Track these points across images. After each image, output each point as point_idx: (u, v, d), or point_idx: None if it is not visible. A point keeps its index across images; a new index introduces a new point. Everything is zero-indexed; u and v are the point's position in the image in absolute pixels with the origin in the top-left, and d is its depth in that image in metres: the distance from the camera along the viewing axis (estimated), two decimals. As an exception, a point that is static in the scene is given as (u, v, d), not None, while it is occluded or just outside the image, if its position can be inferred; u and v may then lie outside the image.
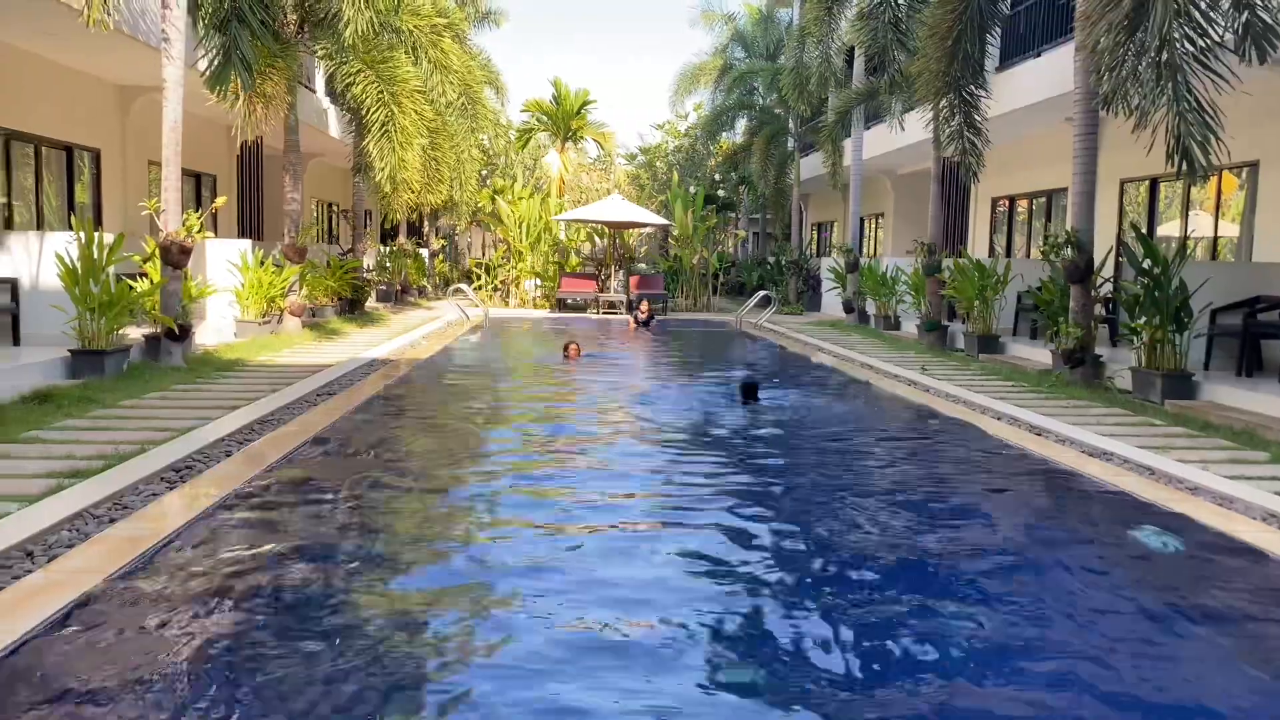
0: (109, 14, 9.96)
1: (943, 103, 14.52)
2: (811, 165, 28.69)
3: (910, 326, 18.03)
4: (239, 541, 5.07)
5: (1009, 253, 20.55)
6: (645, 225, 27.72)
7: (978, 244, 22.11)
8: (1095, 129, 11.68)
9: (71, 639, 3.66)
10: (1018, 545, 5.62)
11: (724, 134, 35.92)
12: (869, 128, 22.76)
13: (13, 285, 10.97)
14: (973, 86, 14.23)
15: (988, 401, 9.95)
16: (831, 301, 24.04)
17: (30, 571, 4.27)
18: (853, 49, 21.90)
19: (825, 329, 19.75)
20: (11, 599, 3.93)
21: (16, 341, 10.66)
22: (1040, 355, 13.04)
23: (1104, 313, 13.34)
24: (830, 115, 22.44)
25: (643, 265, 29.79)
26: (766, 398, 10.47)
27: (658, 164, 44.07)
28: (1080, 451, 7.66)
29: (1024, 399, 10.22)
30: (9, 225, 13.82)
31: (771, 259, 30.51)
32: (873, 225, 30.50)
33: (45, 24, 11.66)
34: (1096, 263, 11.76)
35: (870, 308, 20.44)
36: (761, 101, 32.52)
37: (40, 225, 14.57)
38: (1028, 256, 19.27)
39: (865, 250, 28.37)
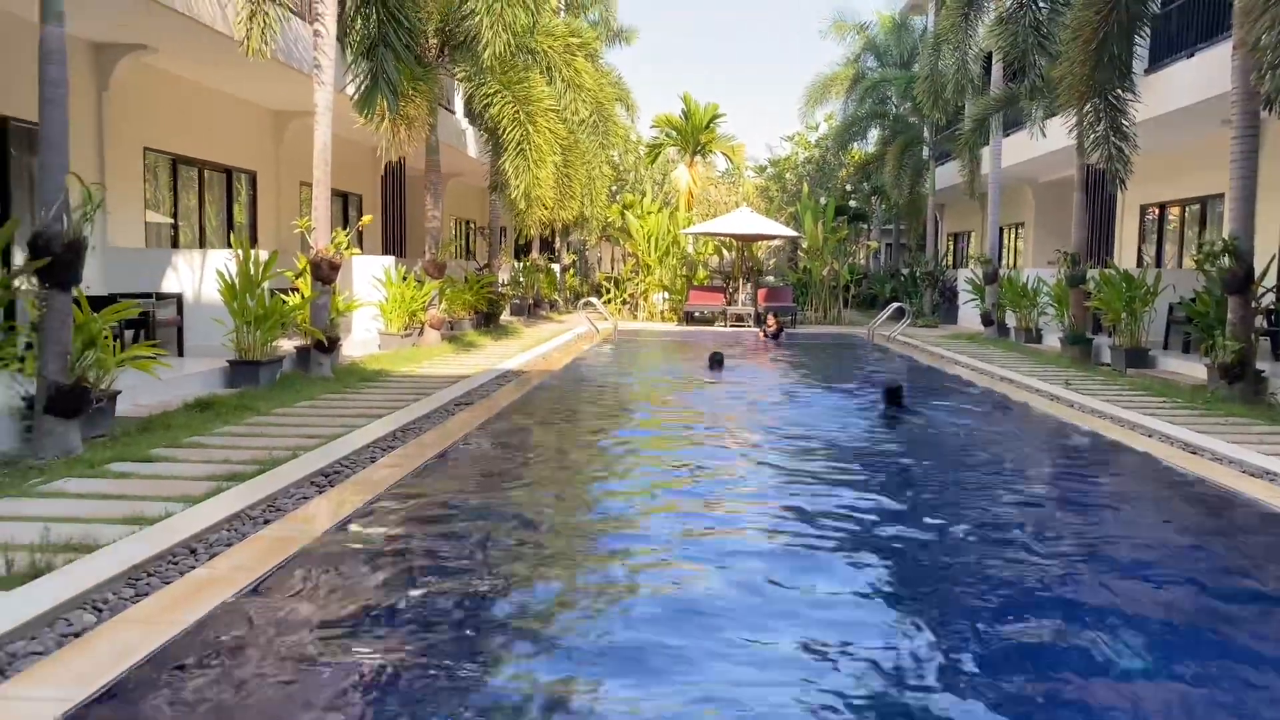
0: (266, 44, 10.59)
1: (1087, 107, 13.95)
2: (947, 174, 27.98)
3: (1052, 340, 17.35)
4: (383, 542, 5.30)
5: (1159, 263, 19.55)
6: (774, 237, 27.57)
7: (1125, 253, 21.11)
8: (1255, 131, 11.02)
9: (232, 629, 3.90)
10: (1191, 579, 5.19)
11: (855, 144, 35.41)
12: (1008, 135, 22.05)
13: (178, 300, 11.75)
14: (1119, 90, 13.63)
15: (1138, 418, 9.48)
16: (969, 314, 23.35)
17: (194, 567, 4.57)
18: (990, 55, 21.28)
19: (962, 342, 19.20)
20: (180, 592, 4.22)
21: (181, 352, 11.40)
22: (1194, 370, 12.35)
23: (1265, 325, 12.54)
24: (967, 123, 21.84)
25: (771, 278, 29.59)
26: (903, 413, 10.27)
27: (787, 176, 43.77)
28: (1240, 471, 7.22)
29: (1177, 415, 9.69)
30: (175, 244, 14.80)
31: (905, 270, 29.86)
32: (1012, 235, 29.49)
33: (209, 54, 12.48)
34: (1257, 272, 11.07)
35: (1010, 320, 19.76)
36: (895, 110, 31.92)
37: (202, 244, 15.55)
38: (1179, 266, 18.29)
39: (1004, 261, 27.44)
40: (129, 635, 3.70)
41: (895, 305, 21.84)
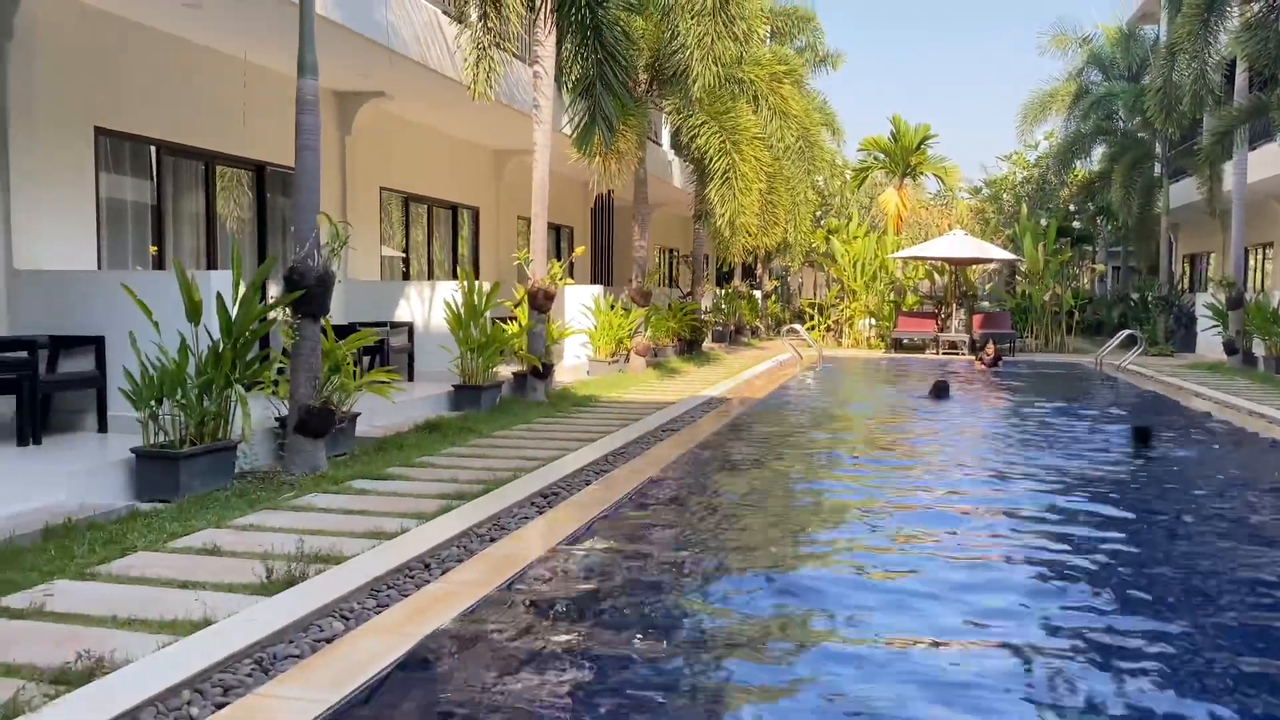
0: (490, 87, 11.22)
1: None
2: (1182, 192, 25.96)
3: (1311, 371, 15.71)
4: (601, 562, 5.44)
5: None
6: (990, 261, 26.46)
7: (1400, 275, 18.86)
8: None
9: (466, 640, 4.11)
10: None
11: (1078, 162, 33.47)
12: (1254, 148, 20.23)
13: (409, 328, 12.56)
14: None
15: None
16: (1209, 342, 21.51)
17: (429, 581, 4.84)
18: (1234, 63, 19.64)
19: (1202, 372, 17.70)
20: (417, 604, 4.49)
21: (411, 377, 12.16)
22: None
23: None
24: (1207, 137, 20.22)
25: (987, 303, 28.37)
26: (1151, 452, 9.60)
27: (1004, 196, 41.93)
28: None
29: None
30: (406, 276, 15.85)
31: (1135, 295, 27.89)
32: (1259, 256, 26.96)
33: (438, 99, 13.34)
34: None
35: (1258, 349, 18.06)
36: (1122, 126, 29.99)
37: (430, 276, 16.57)
38: None
39: (1250, 284, 25.13)
40: (374, 643, 3.96)
41: (1125, 332, 20.45)
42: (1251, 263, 26.72)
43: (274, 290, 7.87)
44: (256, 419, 7.11)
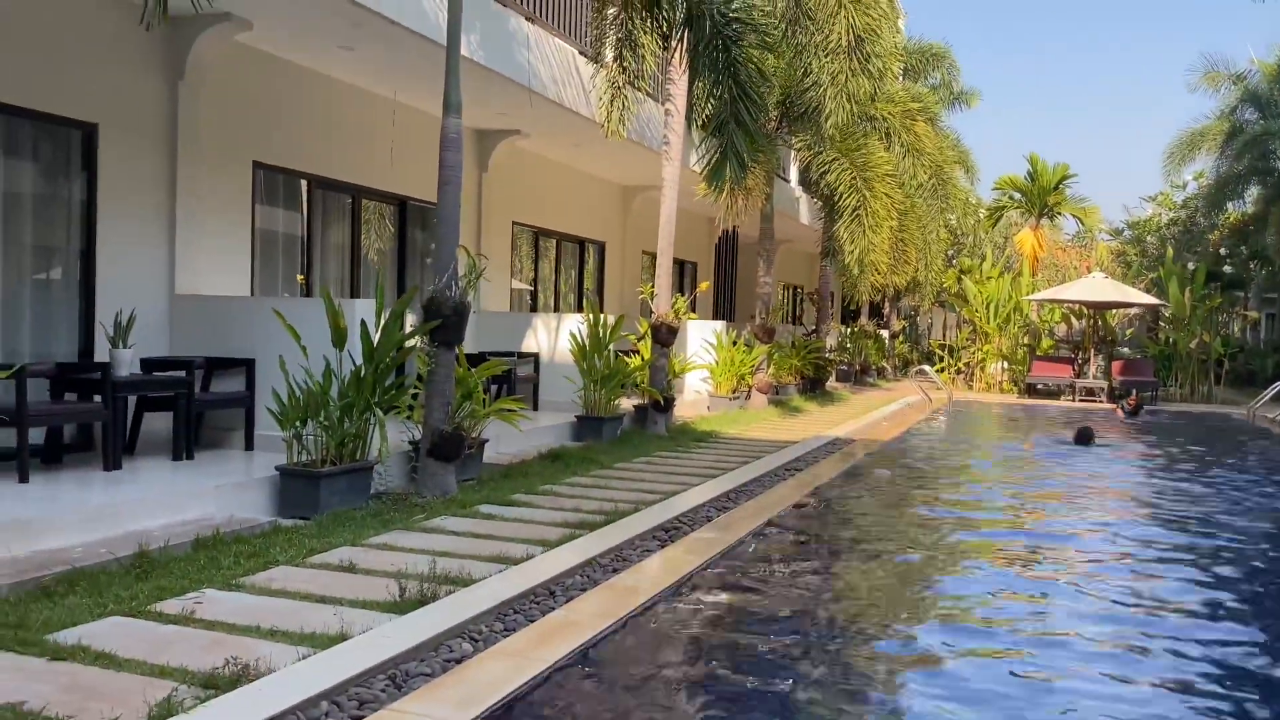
0: (623, 125, 11.44)
1: None
2: (1348, 236, 24.35)
3: None
4: (718, 601, 5.40)
5: None
6: (1131, 305, 25.34)
7: None
8: None
9: (589, 670, 4.15)
10: None
11: (1231, 204, 31.78)
12: None
13: (535, 359, 12.82)
14: None
15: None
16: (1376, 397, 20.00)
17: (553, 609, 4.90)
18: None
19: (1368, 429, 16.48)
20: (543, 630, 4.55)
21: (536, 406, 12.40)
22: None
23: None
24: (1376, 177, 18.95)
25: (1127, 349, 27.14)
26: None
27: (1148, 239, 40.17)
28: None
29: None
30: (533, 308, 16.21)
31: (1292, 344, 26.21)
32: None
33: (571, 136, 13.67)
34: None
35: None
36: (1280, 166, 28.37)
37: (556, 308, 16.90)
38: None
39: None
40: (501, 667, 4.03)
41: (1280, 384, 19.19)
42: None
43: (411, 319, 8.17)
44: (392, 442, 7.37)
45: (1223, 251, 34.57)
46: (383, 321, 7.34)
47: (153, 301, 8.53)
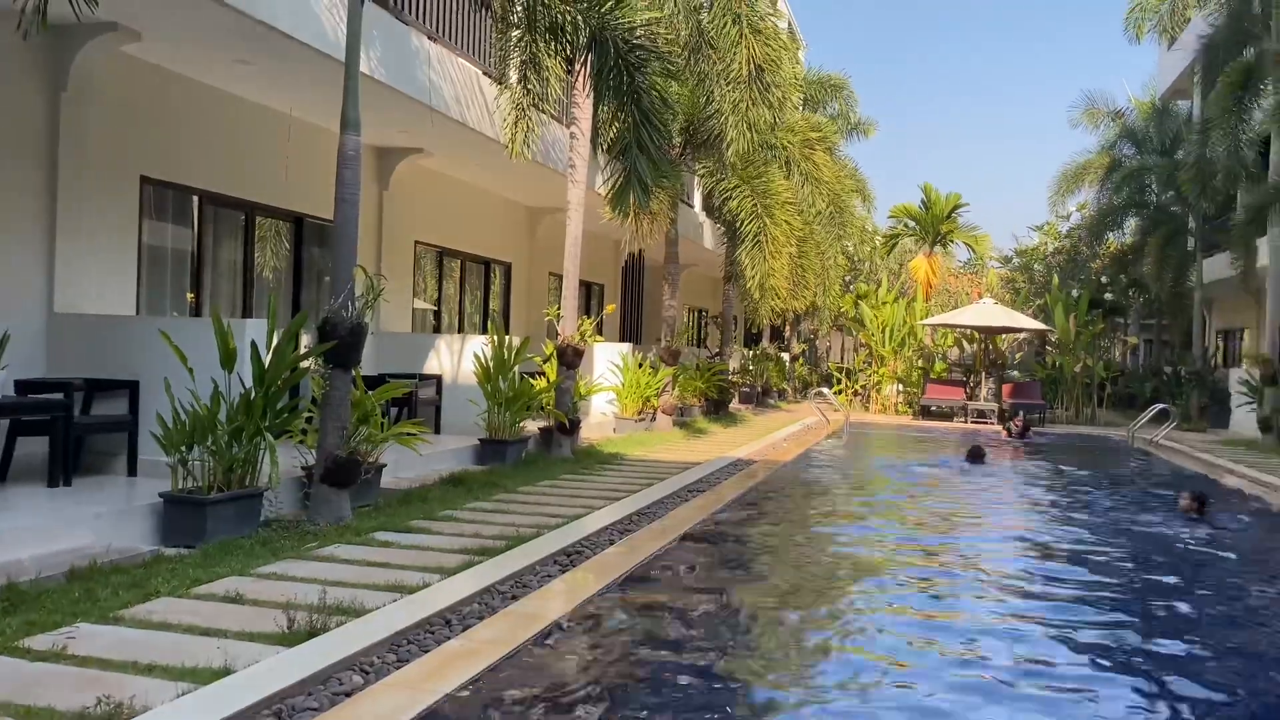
0: (528, 147, 11.41)
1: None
2: (1216, 266, 25.78)
3: (1349, 451, 15.41)
4: (621, 624, 5.37)
5: None
6: (1020, 331, 26.33)
7: None
8: None
9: (485, 700, 4.06)
10: None
11: (1111, 234, 33.37)
12: (1290, 224, 20.10)
13: (438, 381, 12.62)
14: None
15: None
16: (1242, 419, 21.16)
17: (449, 638, 4.80)
18: (1268, 139, 19.64)
19: (1237, 449, 17.40)
20: (437, 661, 4.45)
21: (438, 430, 12.19)
22: None
23: None
24: (1240, 213, 20.15)
25: (1016, 373, 28.15)
26: (1203, 523, 9.46)
27: (1035, 267, 41.86)
28: None
29: None
30: (437, 329, 15.99)
31: (1168, 369, 27.57)
32: (1295, 333, 26.60)
33: (475, 157, 13.58)
34: None
35: (1294, 427, 17.76)
36: (1156, 199, 29.93)
37: (460, 329, 16.70)
38: None
39: (1286, 361, 24.78)
40: (392, 699, 3.93)
41: (1158, 406, 20.15)
42: (1287, 339, 26.38)
43: (307, 340, 7.96)
44: (284, 467, 7.14)
45: (1104, 280, 36.25)
46: (275, 343, 7.13)
47: (28, 320, 8.12)
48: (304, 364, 7.41)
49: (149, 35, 8.49)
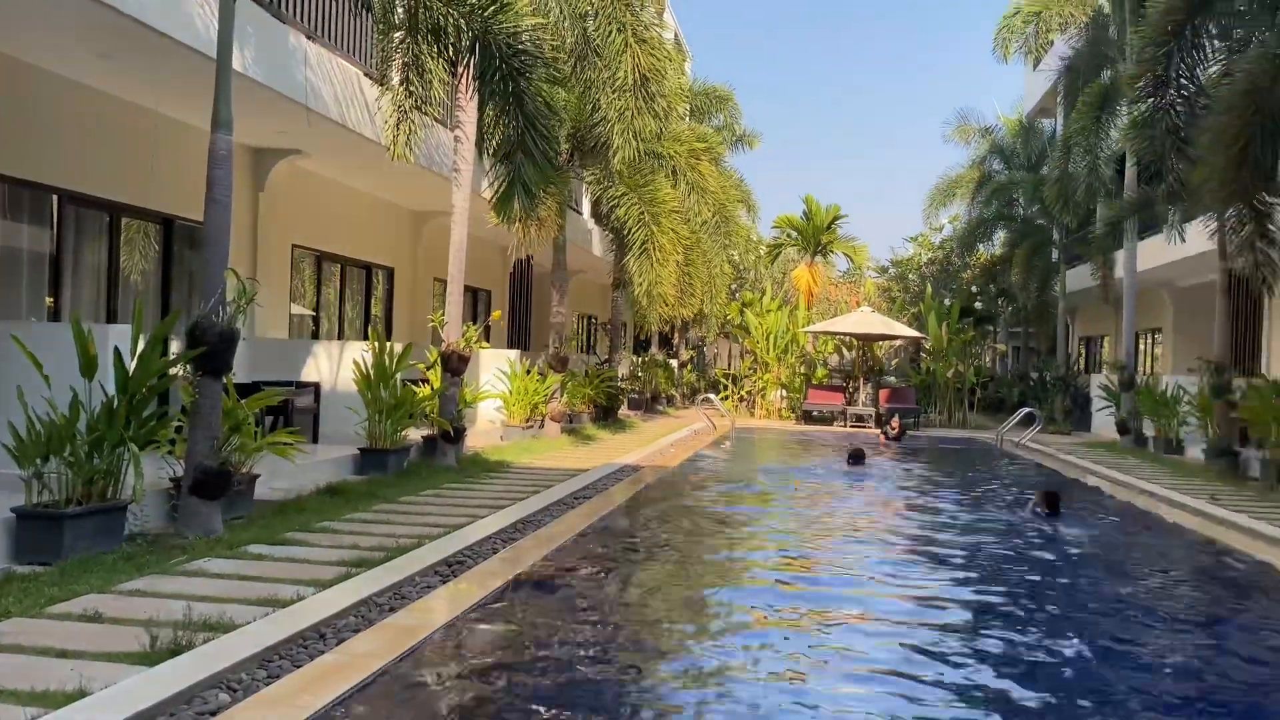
0: (410, 150, 11.24)
1: (1229, 212, 13.45)
2: (1079, 277, 27.23)
3: (1195, 451, 16.42)
4: (503, 634, 5.32)
5: (1314, 373, 18.39)
6: (896, 338, 27.22)
7: (1274, 362, 19.97)
8: None
9: (362, 715, 3.96)
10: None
11: (981, 246, 34.89)
12: (1144, 238, 21.36)
13: (316, 388, 12.29)
14: (1264, 194, 13.10)
15: (1294, 540, 8.84)
16: (1103, 421, 22.38)
17: (323, 652, 4.67)
18: (1124, 157, 20.83)
19: (1097, 451, 18.37)
20: (309, 676, 4.32)
21: (316, 439, 11.86)
22: (1359, 490, 11.48)
23: None
24: (1100, 226, 21.29)
25: (893, 378, 29.11)
26: (1054, 519, 9.93)
27: (910, 276, 43.38)
28: None
29: (1340, 539, 8.99)
30: (315, 335, 15.57)
31: (1034, 375, 28.94)
32: (1149, 340, 28.33)
33: (356, 159, 13.31)
34: None
35: (1148, 429, 18.84)
36: (1023, 213, 31.45)
37: (341, 335, 16.31)
38: (1338, 377, 17.16)
39: (1141, 367, 26.34)
40: (263, 717, 3.80)
41: (1025, 410, 21.09)
42: (1142, 347, 28.04)
43: (176, 346, 7.64)
44: (151, 479, 6.84)
45: (974, 289, 37.86)
46: (141, 349, 6.82)
47: None
48: (172, 371, 7.11)
49: (1, 25, 8.04)
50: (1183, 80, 14.20)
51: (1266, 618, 6.72)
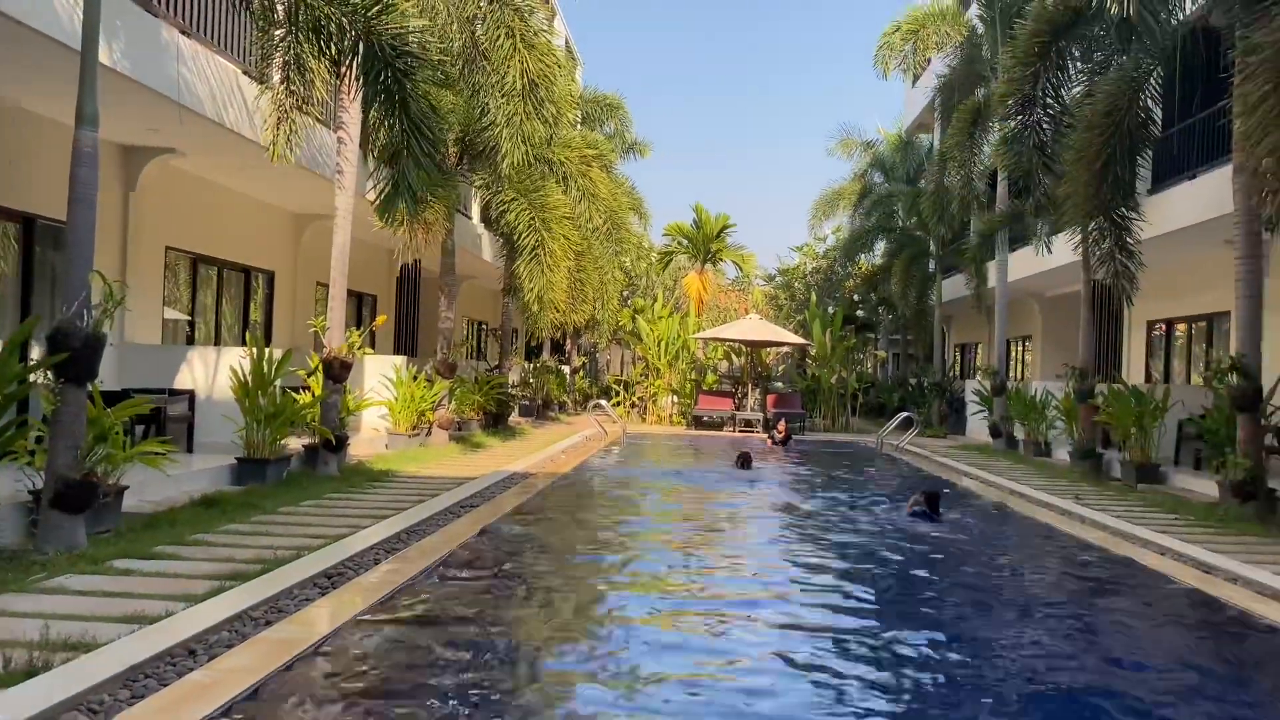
0: (291, 150, 10.93)
1: (1091, 226, 14.20)
2: (954, 287, 28.31)
3: (1061, 453, 17.27)
4: (384, 646, 5.22)
5: (1167, 378, 19.57)
6: (782, 345, 27.80)
7: (1133, 369, 21.17)
8: (1259, 251, 11.18)
9: (227, 737, 3.84)
10: (1195, 696, 5.21)
11: (863, 256, 35.97)
12: (1014, 250, 22.38)
13: (190, 396, 11.83)
14: (1123, 209, 13.88)
15: (1150, 535, 9.37)
16: (977, 425, 23.32)
17: (193, 669, 4.50)
18: (995, 172, 21.77)
19: (971, 453, 19.11)
20: (177, 695, 4.15)
21: (190, 449, 11.42)
22: (1206, 487, 12.25)
23: (1276, 443, 12.49)
24: (973, 238, 22.21)
25: (780, 384, 29.71)
26: (933, 519, 10.28)
27: (796, 285, 44.36)
28: (1255, 592, 7.11)
29: (1190, 533, 9.58)
30: (190, 341, 14.98)
31: (913, 380, 29.96)
32: (1019, 347, 29.66)
33: (234, 159, 12.87)
34: (1265, 390, 11.09)
35: (1018, 433, 19.71)
36: (901, 224, 32.54)
37: (218, 341, 15.74)
38: (1188, 382, 18.32)
39: (1012, 373, 27.53)
40: (123, 739, 3.63)
41: (903, 415, 21.82)
42: (1013, 354, 29.35)
43: (37, 352, 7.25)
44: (7, 492, 6.47)
45: (856, 298, 38.98)
46: (-5, 355, 6.45)
47: None
48: (31, 378, 6.75)
49: None
50: (1049, 99, 14.94)
51: (1118, 608, 7.11)
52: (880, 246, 34.74)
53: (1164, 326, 20.37)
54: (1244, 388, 10.86)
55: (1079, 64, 14.58)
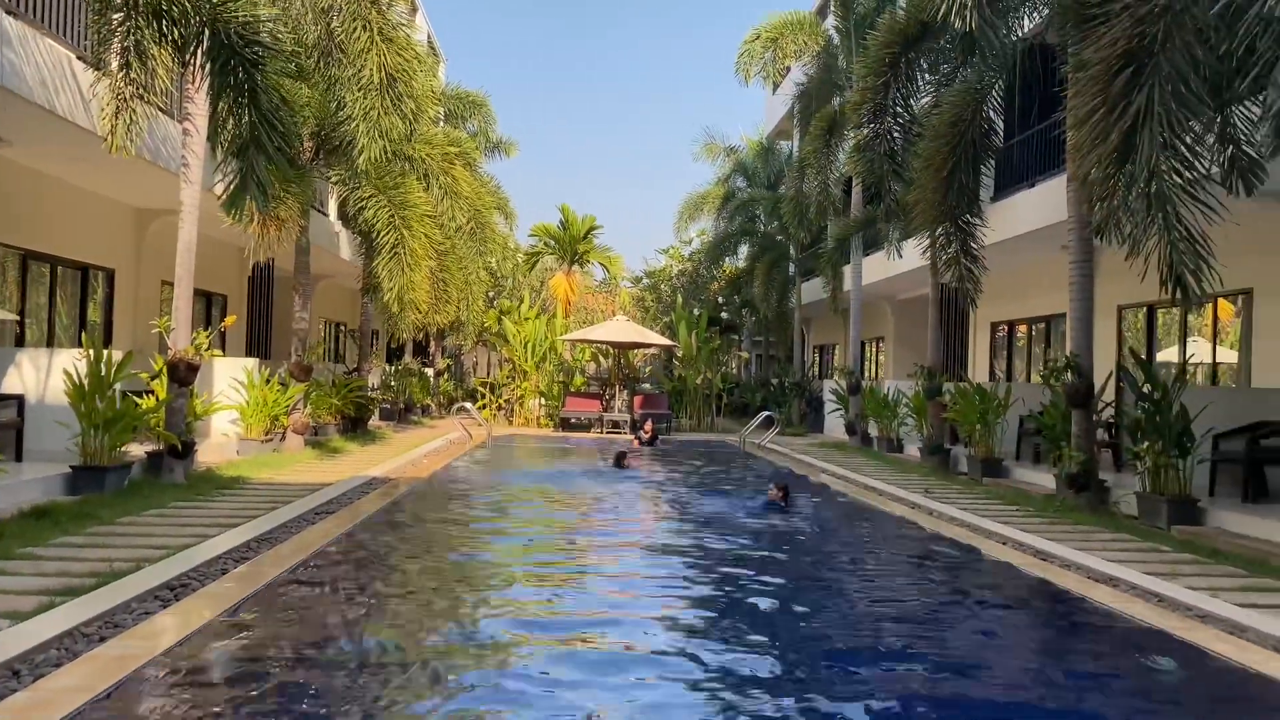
0: (131, 141, 10.34)
1: (939, 231, 14.85)
2: (813, 290, 29.16)
3: (913, 449, 18.00)
4: (229, 659, 4.98)
5: (1009, 377, 20.67)
6: (649, 346, 28.04)
7: (978, 368, 22.27)
8: (1090, 256, 11.91)
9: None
10: (1025, 676, 5.50)
11: (727, 259, 36.68)
12: (868, 254, 23.22)
13: (19, 401, 11.04)
14: (968, 215, 14.57)
15: (992, 525, 9.85)
16: (834, 423, 24.08)
17: (15, 691, 4.19)
18: (851, 179, 22.53)
19: (828, 450, 19.71)
20: (-5, 720, 3.86)
21: (19, 457, 10.66)
22: (1044, 479, 12.98)
23: (1107, 437, 13.33)
24: (829, 242, 22.91)
25: (647, 385, 29.97)
26: (783, 511, 10.55)
27: (662, 287, 44.85)
28: (1086, 577, 7.56)
29: (1029, 523, 10.12)
30: (20, 342, 14.01)
31: (774, 380, 30.70)
32: (873, 348, 30.78)
33: (69, 149, 12.09)
34: (1097, 387, 11.83)
35: (873, 430, 20.44)
36: (763, 228, 33.32)
37: (51, 343, 14.76)
38: (1028, 380, 19.39)
39: (867, 373, 28.55)
40: (-70, 771, 3.34)
41: (765, 414, 22.33)
42: (867, 354, 30.44)
43: None
44: None
45: (721, 300, 39.70)
46: None
47: None
48: None
49: None
50: (899, 109, 15.55)
51: (965, 590, 7.45)
52: (743, 250, 35.51)
53: (1006, 328, 21.50)
54: (1077, 385, 11.56)
55: (927, 75, 15.23)
